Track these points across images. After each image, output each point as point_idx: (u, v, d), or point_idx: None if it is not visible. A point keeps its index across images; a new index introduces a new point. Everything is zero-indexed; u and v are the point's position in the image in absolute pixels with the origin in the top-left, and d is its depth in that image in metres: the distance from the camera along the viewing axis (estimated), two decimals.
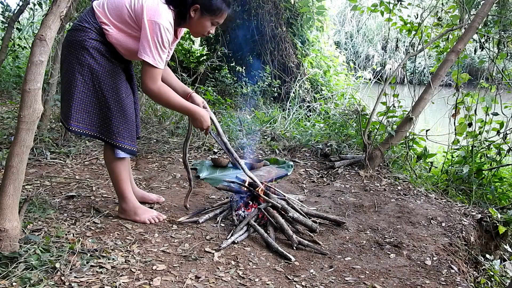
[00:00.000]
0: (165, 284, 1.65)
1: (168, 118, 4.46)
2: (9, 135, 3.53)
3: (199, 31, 2.08)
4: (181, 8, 1.96)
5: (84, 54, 1.95)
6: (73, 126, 2.00)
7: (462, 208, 2.65)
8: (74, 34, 1.97)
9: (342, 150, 3.67)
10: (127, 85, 2.11)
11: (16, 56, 5.72)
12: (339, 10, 14.56)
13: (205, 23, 2.03)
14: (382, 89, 3.41)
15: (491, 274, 2.26)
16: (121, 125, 2.06)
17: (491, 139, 3.39)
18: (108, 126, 2.04)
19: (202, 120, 2.10)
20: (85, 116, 2.02)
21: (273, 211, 2.22)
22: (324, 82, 6.59)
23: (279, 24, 6.37)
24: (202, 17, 2.00)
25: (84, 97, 2.00)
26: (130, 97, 2.12)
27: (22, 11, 4.52)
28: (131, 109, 2.12)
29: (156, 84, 1.95)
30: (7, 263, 1.61)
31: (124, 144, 2.08)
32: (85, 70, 1.97)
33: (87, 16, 1.97)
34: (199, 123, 2.11)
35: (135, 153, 2.18)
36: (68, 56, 1.99)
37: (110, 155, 2.12)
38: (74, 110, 1.99)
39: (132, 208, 2.19)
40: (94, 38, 1.95)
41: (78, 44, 1.95)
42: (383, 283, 1.78)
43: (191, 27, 2.05)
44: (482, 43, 3.47)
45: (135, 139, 2.16)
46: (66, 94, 2.01)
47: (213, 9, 1.99)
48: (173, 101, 2.03)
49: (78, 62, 1.96)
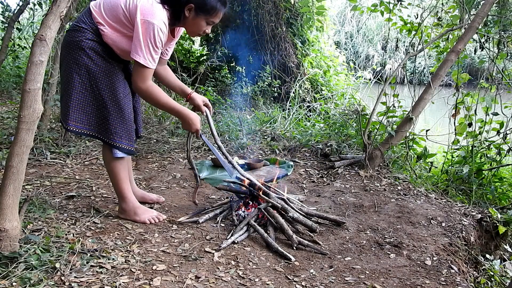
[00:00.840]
0: (165, 284, 1.65)
1: (168, 118, 4.46)
2: (9, 135, 3.53)
3: (194, 31, 2.07)
4: (176, 8, 1.96)
5: (81, 54, 1.96)
6: (72, 126, 2.01)
7: (462, 208, 2.65)
8: (72, 35, 1.98)
9: (342, 150, 3.67)
10: (125, 85, 2.11)
11: (16, 56, 5.72)
12: (339, 10, 14.56)
13: (200, 23, 2.01)
14: (382, 89, 3.41)
15: (491, 274, 2.26)
16: (119, 125, 2.06)
17: (491, 139, 3.39)
18: (106, 126, 2.04)
19: (191, 123, 2.09)
20: (83, 116, 2.02)
21: (273, 211, 2.22)
22: (324, 82, 6.58)
23: (279, 24, 6.37)
24: (197, 17, 1.99)
25: (82, 97, 2.00)
26: (128, 96, 2.12)
27: (22, 11, 4.52)
28: (129, 109, 2.11)
29: (146, 83, 1.95)
30: (7, 263, 1.61)
31: (122, 144, 2.08)
32: (82, 71, 1.97)
33: (84, 16, 1.98)
34: (187, 125, 2.11)
35: (133, 153, 2.18)
36: (66, 57, 2.00)
37: (108, 155, 2.12)
38: (72, 110, 2.00)
39: (132, 208, 2.19)
40: (91, 39, 1.96)
41: (75, 45, 1.96)
42: (383, 283, 1.78)
43: (187, 26, 2.05)
44: (482, 43, 3.47)
45: (133, 138, 2.16)
46: (64, 95, 2.03)
47: (208, 9, 1.97)
48: (162, 102, 2.03)
49: (76, 62, 1.97)
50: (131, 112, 2.13)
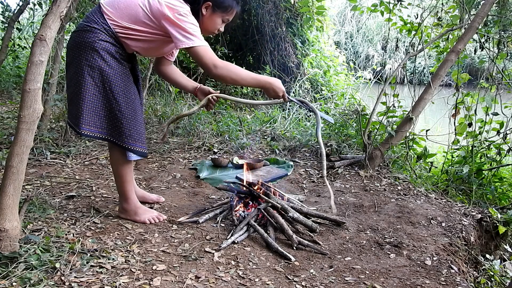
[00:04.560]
0: (165, 284, 1.65)
1: (168, 118, 4.46)
2: (9, 135, 3.53)
3: (209, 29, 2.08)
4: (194, 5, 1.99)
5: (94, 56, 1.91)
6: (85, 129, 1.95)
7: (462, 208, 2.65)
8: (83, 35, 1.92)
9: (342, 150, 3.67)
10: (134, 87, 2.09)
11: (16, 56, 5.72)
12: (339, 10, 14.56)
13: (216, 20, 2.05)
14: (382, 89, 3.41)
15: (491, 274, 2.26)
16: (132, 128, 2.03)
17: (491, 139, 3.39)
18: (119, 129, 2.00)
19: (275, 87, 2.05)
20: (96, 119, 1.97)
21: (273, 211, 2.22)
22: (324, 82, 6.59)
23: (279, 24, 6.37)
24: (214, 14, 2.03)
25: (95, 100, 1.95)
26: (138, 98, 2.11)
27: (22, 11, 4.51)
28: (141, 111, 2.10)
29: (217, 60, 1.91)
30: (7, 263, 1.61)
31: (136, 147, 2.05)
32: (96, 73, 1.92)
33: (95, 16, 1.93)
34: (272, 92, 2.06)
35: (146, 155, 2.16)
36: (76, 58, 1.94)
37: (118, 158, 2.10)
38: (85, 113, 1.94)
39: (133, 208, 2.19)
40: (104, 39, 1.91)
41: (88, 46, 1.91)
42: (383, 283, 1.78)
43: (203, 24, 2.05)
44: (482, 43, 3.47)
45: (145, 140, 2.13)
46: (75, 97, 1.96)
47: (225, 6, 2.02)
48: (243, 73, 1.99)
49: (88, 64, 1.91)
50: (142, 114, 2.11)
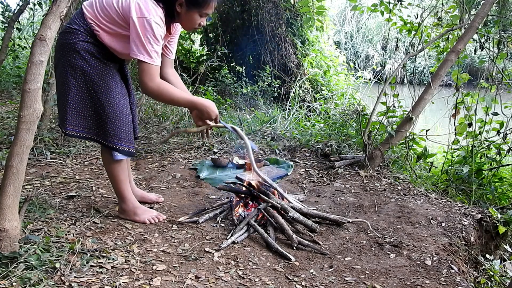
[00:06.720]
0: (165, 284, 1.65)
1: (168, 118, 4.46)
2: (9, 135, 3.53)
3: (189, 25, 2.04)
4: (168, 5, 1.94)
5: (75, 57, 1.92)
6: (70, 130, 1.98)
7: (462, 208, 2.65)
8: (65, 37, 1.94)
9: (342, 150, 3.67)
10: (122, 86, 2.09)
11: (16, 56, 5.72)
12: (339, 10, 14.57)
13: (194, 16, 1.98)
14: (382, 89, 3.41)
15: (491, 274, 2.26)
16: (117, 127, 2.03)
17: (491, 139, 3.39)
18: (104, 128, 2.01)
19: (209, 110, 2.01)
20: (81, 119, 1.99)
21: (273, 211, 2.22)
22: (324, 82, 6.59)
23: (279, 24, 6.37)
24: (189, 11, 1.96)
25: (79, 100, 1.97)
26: (125, 97, 2.10)
27: (22, 11, 4.52)
28: (127, 110, 2.09)
29: (155, 81, 1.89)
30: (7, 263, 1.61)
31: (121, 146, 2.05)
32: (78, 73, 1.94)
33: (77, 17, 1.94)
34: (206, 114, 2.02)
35: (133, 155, 2.15)
36: (60, 60, 1.96)
37: (108, 157, 2.10)
38: (70, 114, 1.97)
39: (132, 208, 2.19)
40: (85, 40, 1.92)
41: (69, 47, 1.92)
42: (383, 283, 1.78)
43: (181, 22, 2.03)
44: (482, 43, 3.47)
45: (133, 140, 2.12)
46: (61, 98, 2.00)
47: (198, 2, 1.95)
48: (176, 98, 1.95)
49: (70, 65, 1.93)
50: (129, 114, 2.10)
